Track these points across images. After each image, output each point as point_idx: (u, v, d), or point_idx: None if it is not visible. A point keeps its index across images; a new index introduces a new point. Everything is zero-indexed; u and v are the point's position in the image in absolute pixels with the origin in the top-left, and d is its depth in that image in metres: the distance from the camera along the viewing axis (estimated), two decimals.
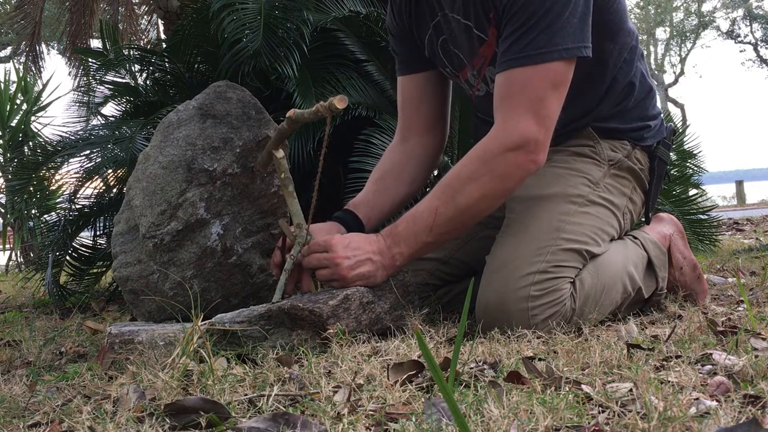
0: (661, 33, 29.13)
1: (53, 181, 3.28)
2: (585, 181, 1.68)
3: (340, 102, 1.66)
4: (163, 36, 5.32)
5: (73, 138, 2.94)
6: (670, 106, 25.41)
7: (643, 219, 1.87)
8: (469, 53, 1.71)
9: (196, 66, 2.89)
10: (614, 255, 1.66)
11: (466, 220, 1.55)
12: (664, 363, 1.16)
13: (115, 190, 2.95)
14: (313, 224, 1.72)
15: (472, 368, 1.17)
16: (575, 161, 1.70)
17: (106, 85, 3.12)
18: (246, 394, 1.10)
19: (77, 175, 2.90)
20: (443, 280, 1.86)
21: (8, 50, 13.52)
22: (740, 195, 15.97)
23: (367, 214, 1.76)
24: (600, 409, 0.95)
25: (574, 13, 1.49)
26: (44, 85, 6.99)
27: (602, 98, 1.73)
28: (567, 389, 1.02)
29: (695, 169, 3.11)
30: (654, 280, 1.75)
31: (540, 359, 1.23)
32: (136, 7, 6.93)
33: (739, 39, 27.21)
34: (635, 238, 1.78)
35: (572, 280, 1.56)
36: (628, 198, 1.76)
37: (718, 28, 28.01)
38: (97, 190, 2.96)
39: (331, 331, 1.39)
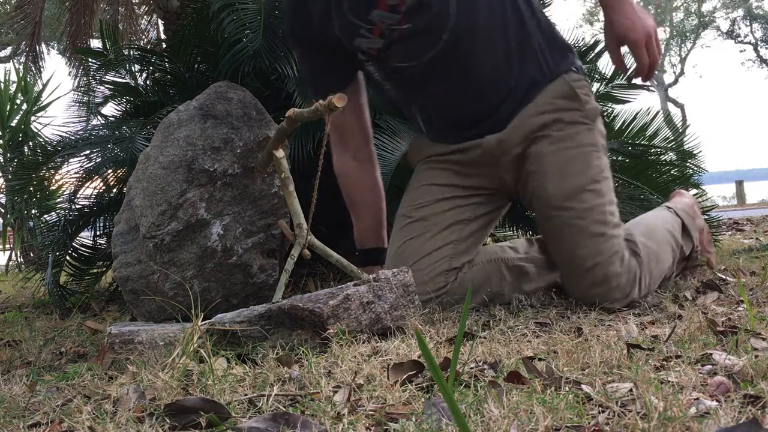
0: (661, 33, 29.06)
1: (53, 181, 3.28)
2: (596, 154, 1.84)
3: (338, 100, 1.67)
4: (163, 36, 5.31)
5: (73, 138, 2.94)
6: (670, 106, 25.40)
7: None
8: None
9: (196, 66, 2.89)
10: (655, 219, 2.03)
11: None
12: (664, 363, 1.16)
13: (115, 190, 2.95)
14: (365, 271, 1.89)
15: (472, 368, 1.17)
16: (579, 135, 1.84)
17: (106, 85, 3.12)
18: (246, 394, 1.10)
19: (77, 175, 2.90)
20: (459, 260, 1.89)
21: (8, 50, 13.51)
22: (740, 195, 15.95)
23: (377, 239, 2.02)
24: (600, 409, 0.95)
25: None
26: (44, 85, 6.98)
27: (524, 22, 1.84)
28: (567, 389, 1.02)
29: (695, 169, 3.10)
30: (690, 240, 2.09)
31: (540, 359, 1.23)
32: (136, 7, 6.93)
33: (739, 39, 27.20)
34: (669, 207, 2.12)
35: (625, 248, 1.82)
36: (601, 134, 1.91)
37: (718, 28, 28.00)
38: (97, 190, 2.96)
39: (331, 331, 1.39)
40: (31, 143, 5.62)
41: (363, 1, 1.77)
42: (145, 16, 6.94)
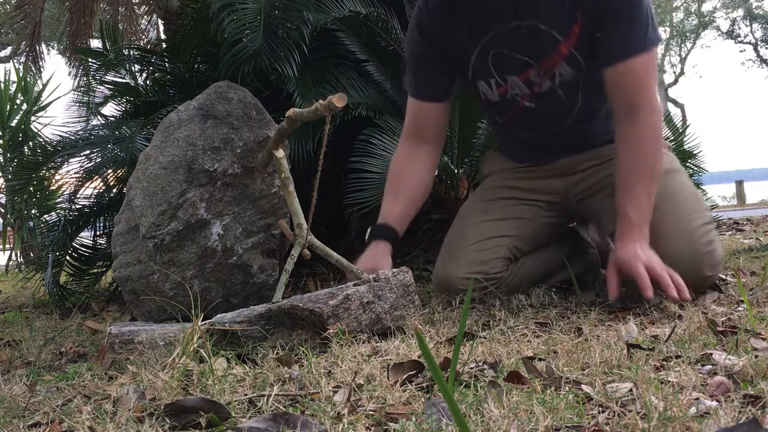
0: (661, 33, 29.01)
1: (53, 181, 3.28)
2: (671, 158, 1.96)
3: (339, 100, 1.66)
4: (163, 36, 5.31)
5: (73, 138, 2.94)
6: (670, 106, 25.40)
7: None
8: (541, 54, 1.80)
9: (196, 66, 2.89)
10: None
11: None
12: (664, 363, 1.16)
13: (115, 190, 2.96)
14: (370, 255, 1.89)
15: (472, 368, 1.17)
16: None
17: (106, 85, 3.13)
18: (246, 394, 1.10)
19: (77, 175, 2.91)
20: (515, 254, 2.01)
21: (8, 50, 13.51)
22: (740, 195, 15.94)
23: (400, 226, 1.98)
24: (600, 409, 0.95)
25: (650, 8, 1.76)
26: (44, 85, 6.99)
27: None
28: (567, 389, 1.02)
29: (695, 169, 3.11)
30: None
31: (540, 359, 1.23)
32: (136, 7, 6.94)
33: (739, 39, 27.20)
34: None
35: None
36: None
37: (718, 28, 28.00)
38: (97, 190, 2.97)
39: (331, 331, 1.39)
40: (31, 143, 5.63)
41: (511, 63, 1.83)
42: (145, 16, 6.95)
